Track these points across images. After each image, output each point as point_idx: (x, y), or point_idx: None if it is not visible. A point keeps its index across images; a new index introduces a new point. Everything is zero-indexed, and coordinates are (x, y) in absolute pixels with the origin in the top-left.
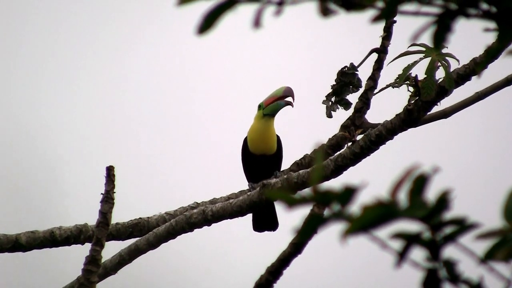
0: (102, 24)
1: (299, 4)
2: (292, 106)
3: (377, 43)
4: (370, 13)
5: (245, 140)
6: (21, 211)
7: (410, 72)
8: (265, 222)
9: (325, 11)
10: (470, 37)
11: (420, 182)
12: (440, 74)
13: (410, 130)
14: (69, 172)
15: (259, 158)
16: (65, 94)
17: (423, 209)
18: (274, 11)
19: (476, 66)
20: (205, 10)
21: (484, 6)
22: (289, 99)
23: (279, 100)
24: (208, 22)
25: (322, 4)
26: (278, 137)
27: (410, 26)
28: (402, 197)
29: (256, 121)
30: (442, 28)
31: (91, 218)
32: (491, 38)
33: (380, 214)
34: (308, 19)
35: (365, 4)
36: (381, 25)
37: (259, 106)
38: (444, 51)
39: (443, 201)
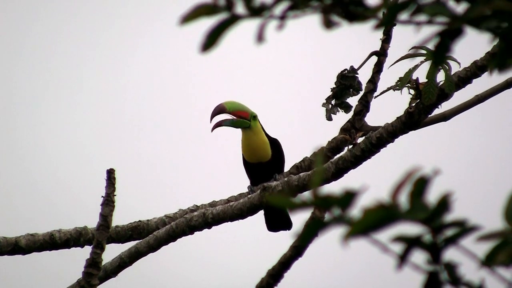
0: (104, 26)
1: (301, 17)
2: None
3: (377, 46)
4: (372, 22)
5: None
6: (20, 213)
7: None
8: (280, 221)
9: (328, 24)
10: (471, 39)
11: (421, 184)
12: (441, 77)
13: (410, 132)
14: (69, 174)
15: (256, 165)
16: (66, 96)
17: (424, 212)
18: (276, 25)
19: (477, 69)
20: (208, 28)
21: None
22: (226, 116)
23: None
24: (211, 39)
25: (325, 16)
26: (275, 141)
27: (410, 30)
28: (403, 200)
29: (241, 133)
30: (442, 47)
31: (91, 220)
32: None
33: (381, 216)
34: (307, 22)
35: (368, 15)
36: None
37: None
38: None
39: (444, 203)
